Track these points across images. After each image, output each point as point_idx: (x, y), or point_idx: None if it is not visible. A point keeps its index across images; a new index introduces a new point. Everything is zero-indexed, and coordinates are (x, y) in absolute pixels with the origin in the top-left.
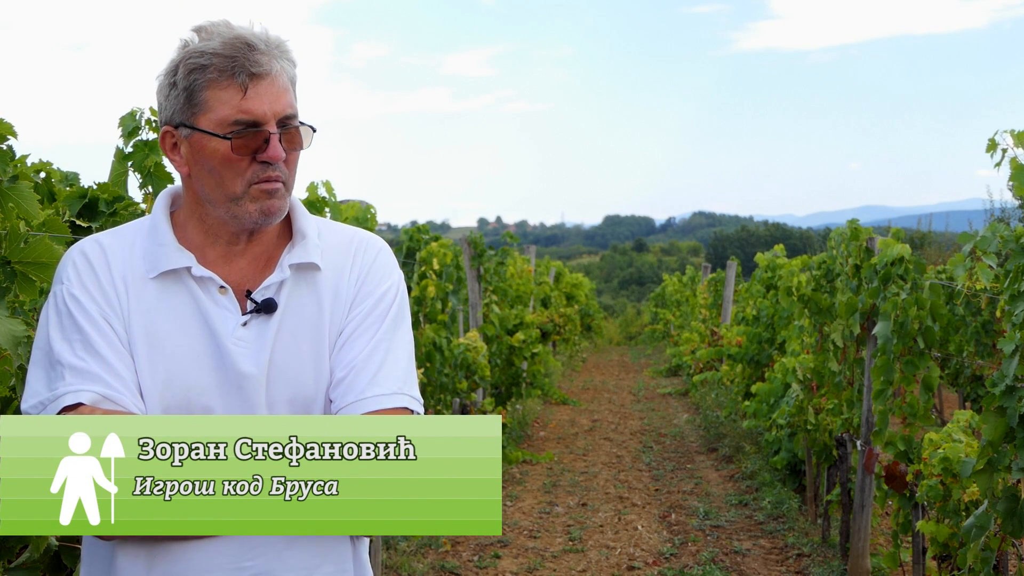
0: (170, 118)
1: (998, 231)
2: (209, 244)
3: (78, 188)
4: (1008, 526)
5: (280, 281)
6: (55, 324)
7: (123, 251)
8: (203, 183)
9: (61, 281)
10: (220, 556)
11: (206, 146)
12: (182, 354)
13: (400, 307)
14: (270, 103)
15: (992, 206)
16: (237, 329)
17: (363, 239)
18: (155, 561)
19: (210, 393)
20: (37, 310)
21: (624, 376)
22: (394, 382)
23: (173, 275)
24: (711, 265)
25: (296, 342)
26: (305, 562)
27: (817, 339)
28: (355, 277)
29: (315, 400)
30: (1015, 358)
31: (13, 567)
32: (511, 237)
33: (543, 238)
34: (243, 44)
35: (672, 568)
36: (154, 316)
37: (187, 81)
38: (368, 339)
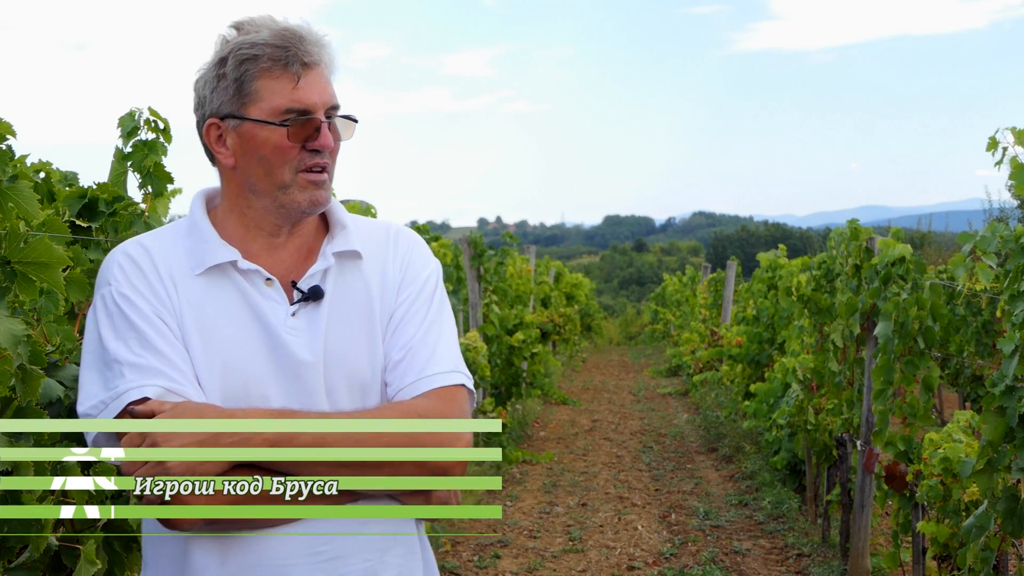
0: (217, 109)
1: (998, 231)
2: (251, 238)
3: (78, 188)
4: (1008, 526)
5: (324, 269)
6: (107, 325)
7: (166, 250)
8: (251, 173)
9: (108, 283)
10: (295, 543)
11: (257, 135)
12: (237, 345)
13: (443, 293)
14: (319, 93)
15: (991, 206)
16: (288, 319)
17: (399, 229)
18: (229, 552)
19: (267, 382)
20: (37, 310)
21: (624, 376)
22: (450, 361)
23: (219, 270)
24: (711, 265)
25: (348, 327)
26: (377, 545)
27: (817, 339)
28: (399, 264)
29: (371, 383)
30: (1015, 358)
31: (13, 567)
32: (511, 237)
33: (543, 238)
34: (293, 35)
35: (672, 568)
36: (205, 310)
37: (238, 72)
38: (420, 321)
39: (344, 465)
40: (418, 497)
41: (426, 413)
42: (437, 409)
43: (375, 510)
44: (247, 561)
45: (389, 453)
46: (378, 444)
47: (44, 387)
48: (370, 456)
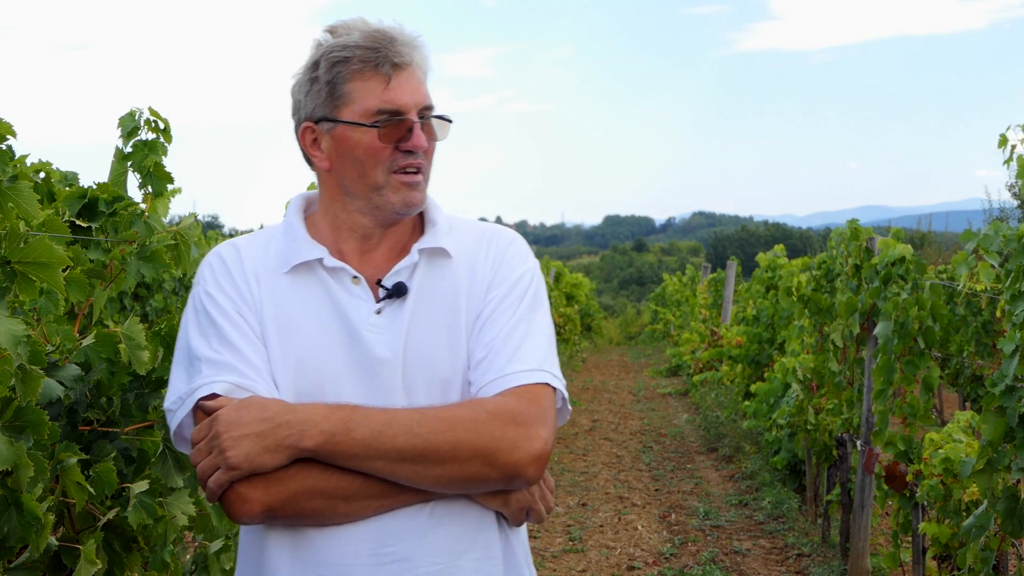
0: (311, 113)
1: (1000, 230)
2: (344, 239)
3: (78, 188)
4: (1008, 526)
5: (411, 266)
6: (193, 323)
7: (257, 250)
8: (345, 175)
9: (198, 283)
10: (360, 543)
11: (350, 137)
12: (314, 342)
13: (537, 291)
14: (411, 93)
15: (991, 206)
16: (371, 316)
17: (495, 230)
18: (298, 549)
19: (342, 379)
20: (37, 310)
21: (624, 376)
22: (534, 360)
23: (306, 268)
24: (711, 265)
25: (431, 325)
26: (447, 548)
27: (817, 339)
28: (490, 263)
29: (452, 382)
30: (1015, 358)
31: (13, 567)
32: None
33: (543, 238)
34: (384, 36)
35: (672, 568)
36: (286, 307)
37: (330, 75)
38: (507, 320)
39: (403, 459)
40: (496, 499)
41: (498, 410)
42: (512, 406)
43: (447, 510)
44: (313, 559)
45: (452, 448)
46: (440, 440)
47: (44, 387)
48: (431, 452)
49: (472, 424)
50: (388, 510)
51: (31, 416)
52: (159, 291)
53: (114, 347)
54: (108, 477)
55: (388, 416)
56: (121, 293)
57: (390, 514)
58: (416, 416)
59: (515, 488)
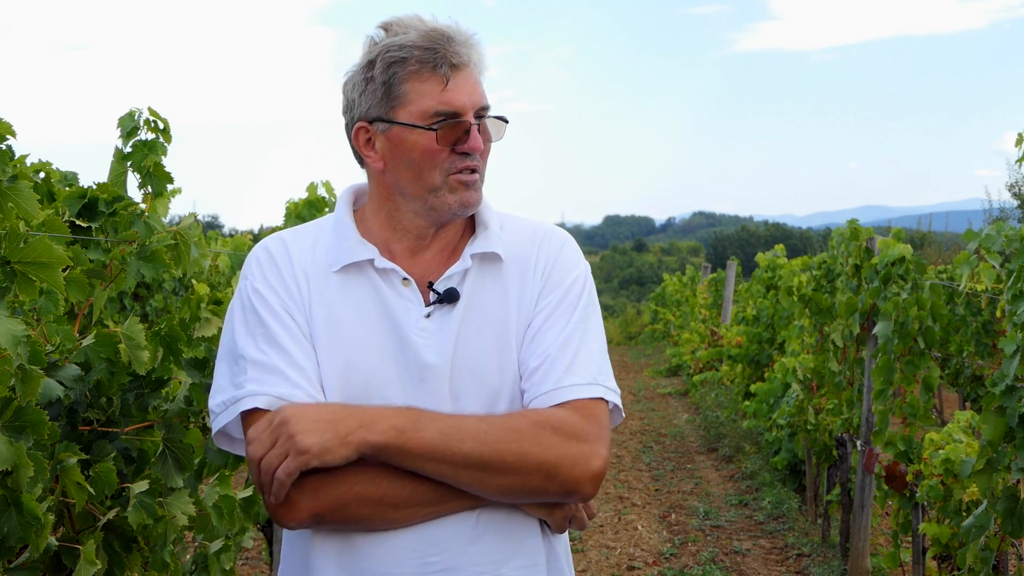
0: (366, 113)
1: (1003, 230)
2: (395, 239)
3: (77, 188)
4: (1008, 526)
5: (463, 271)
6: (240, 319)
7: (305, 246)
8: (400, 176)
9: (246, 277)
10: (405, 552)
11: (406, 139)
12: (363, 345)
13: (589, 297)
14: (468, 94)
15: (991, 206)
16: (420, 320)
17: (547, 231)
18: (344, 555)
19: (390, 384)
20: (37, 310)
21: (624, 376)
22: (589, 372)
23: (356, 268)
24: (711, 265)
25: (480, 333)
26: (492, 556)
27: (817, 339)
28: (541, 268)
29: (500, 392)
30: (1016, 358)
31: (13, 567)
32: None
33: None
34: (442, 36)
35: (672, 568)
36: (336, 308)
37: (386, 75)
38: (561, 328)
39: (468, 466)
40: (541, 508)
41: (562, 425)
42: (575, 422)
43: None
44: (359, 567)
45: (518, 460)
46: (506, 450)
47: (44, 387)
48: (497, 461)
49: (538, 438)
50: (435, 517)
51: (31, 416)
52: (159, 291)
53: (114, 347)
54: (108, 477)
55: (456, 421)
56: (121, 293)
57: (436, 522)
58: (483, 424)
59: (569, 502)
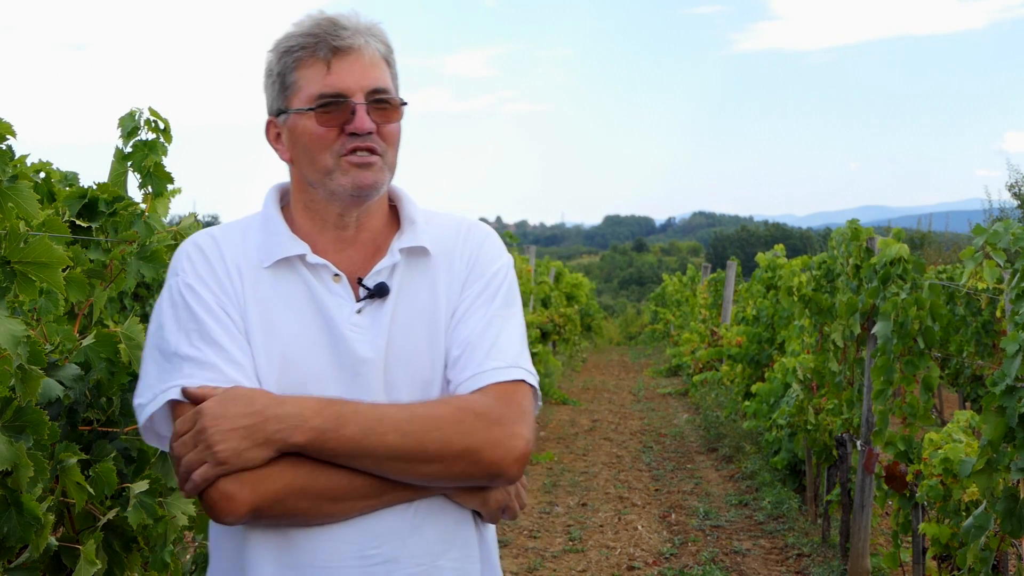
0: (270, 107)
1: (1011, 228)
2: (319, 232)
3: (78, 188)
4: (1007, 526)
5: (391, 266)
6: (170, 315)
7: (236, 242)
8: (302, 164)
9: (176, 273)
10: (346, 545)
11: (298, 125)
12: (298, 340)
13: (511, 287)
14: (356, 77)
15: (991, 206)
16: (352, 316)
17: (471, 225)
18: (283, 550)
19: (326, 378)
20: (37, 310)
21: (624, 376)
22: (510, 355)
23: (287, 264)
24: (711, 265)
25: (411, 326)
26: (431, 548)
27: (817, 339)
28: (465, 259)
29: (433, 382)
30: (1017, 358)
31: (13, 567)
32: (511, 237)
33: (543, 238)
34: (328, 22)
35: (672, 568)
36: (269, 304)
37: (280, 67)
38: (481, 316)
39: (392, 458)
40: (474, 498)
41: (484, 409)
42: (495, 406)
43: (430, 510)
44: (298, 561)
45: (440, 448)
46: (429, 439)
47: (44, 387)
48: (420, 451)
49: (459, 425)
50: (373, 510)
51: (31, 416)
52: (159, 291)
53: (114, 347)
54: (108, 477)
55: (378, 413)
56: (121, 293)
57: (375, 515)
58: (405, 414)
59: (496, 486)
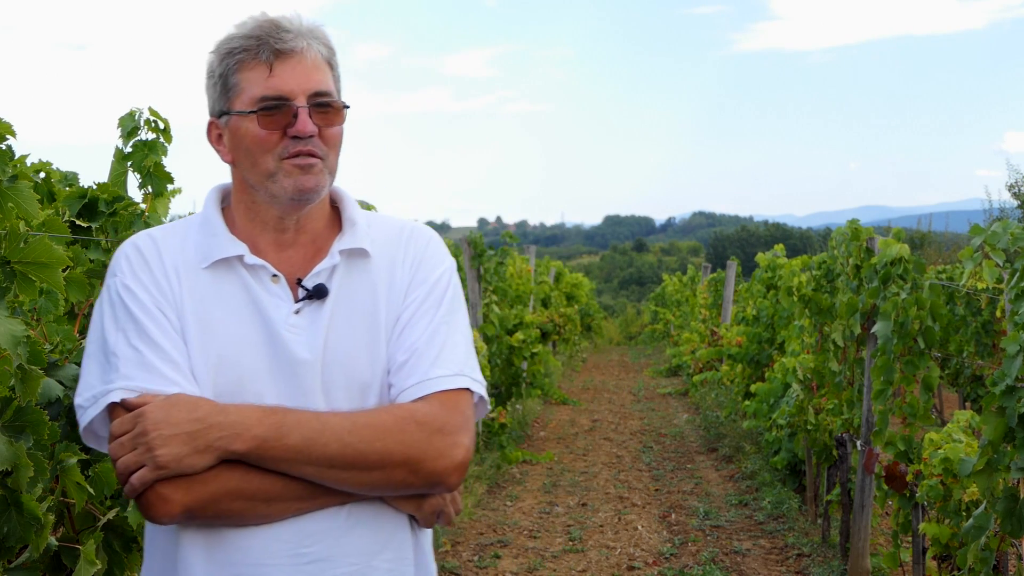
0: (212, 109)
1: (1009, 228)
2: (259, 233)
3: (78, 188)
4: (1008, 526)
5: (331, 267)
6: (109, 316)
7: (175, 243)
8: (243, 166)
9: (115, 274)
10: (278, 544)
11: (240, 127)
12: (235, 341)
13: (455, 292)
14: (298, 80)
15: (991, 206)
16: (290, 316)
17: (413, 228)
18: (214, 549)
19: (263, 378)
20: (37, 310)
21: (624, 376)
22: (455, 364)
23: (225, 264)
24: (711, 265)
25: (350, 328)
26: (364, 548)
27: (817, 339)
28: (409, 264)
29: (371, 386)
30: (1017, 358)
31: (13, 567)
32: (511, 237)
33: (543, 238)
34: (270, 24)
35: (672, 568)
36: (207, 304)
37: (222, 68)
38: (428, 323)
39: (333, 467)
40: (409, 503)
41: (426, 419)
42: (437, 415)
43: (364, 512)
44: (231, 559)
45: (381, 457)
46: (370, 449)
47: (44, 387)
48: (361, 460)
49: (401, 434)
50: (307, 511)
51: (31, 416)
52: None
53: None
54: (108, 477)
55: (320, 423)
56: None
57: (308, 515)
58: (347, 424)
59: (435, 493)
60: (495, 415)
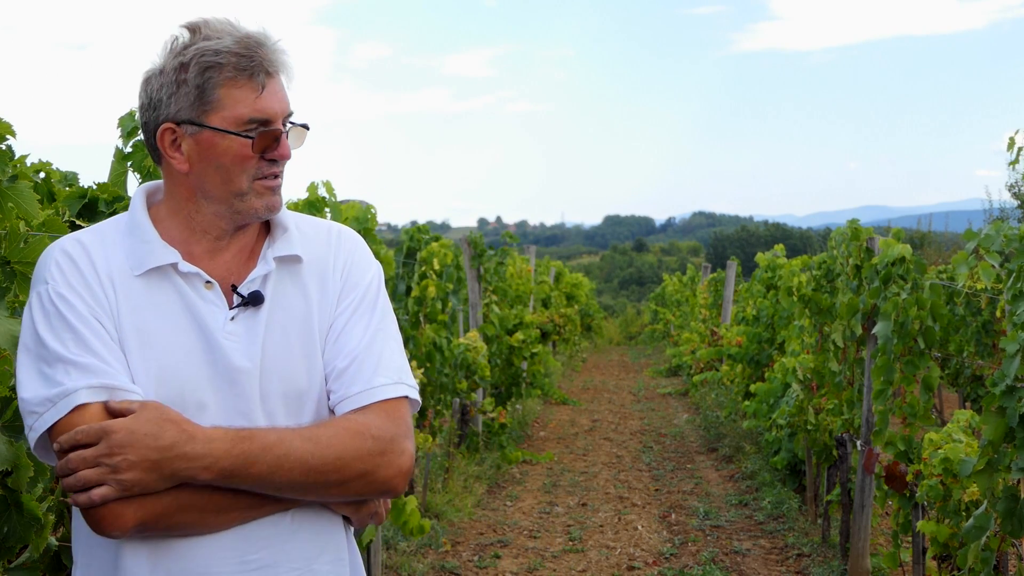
0: (174, 115)
1: (1002, 230)
2: (194, 240)
3: (78, 188)
4: (1008, 526)
5: (265, 274)
6: (44, 323)
7: (105, 249)
8: (206, 180)
9: (45, 281)
10: (225, 551)
11: (217, 144)
12: (173, 350)
13: (385, 297)
14: (279, 102)
15: (991, 206)
16: (226, 324)
17: (340, 230)
18: (159, 558)
19: (203, 388)
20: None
21: (624, 376)
22: (394, 371)
23: (158, 272)
24: (711, 265)
25: (285, 335)
26: (306, 553)
27: (817, 339)
28: (340, 269)
29: (308, 393)
30: (1017, 358)
31: (13, 567)
32: (511, 237)
33: (543, 238)
34: (255, 43)
35: (672, 568)
36: (143, 313)
37: (200, 79)
38: (364, 328)
39: (294, 487)
40: (349, 506)
41: (379, 432)
42: (387, 427)
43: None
44: (176, 568)
45: (341, 475)
46: (330, 469)
47: None
48: (322, 481)
49: (358, 450)
50: (255, 519)
51: None
52: None
53: None
54: None
55: (284, 449)
56: None
57: (254, 522)
58: (310, 447)
59: (382, 498)
60: (495, 415)
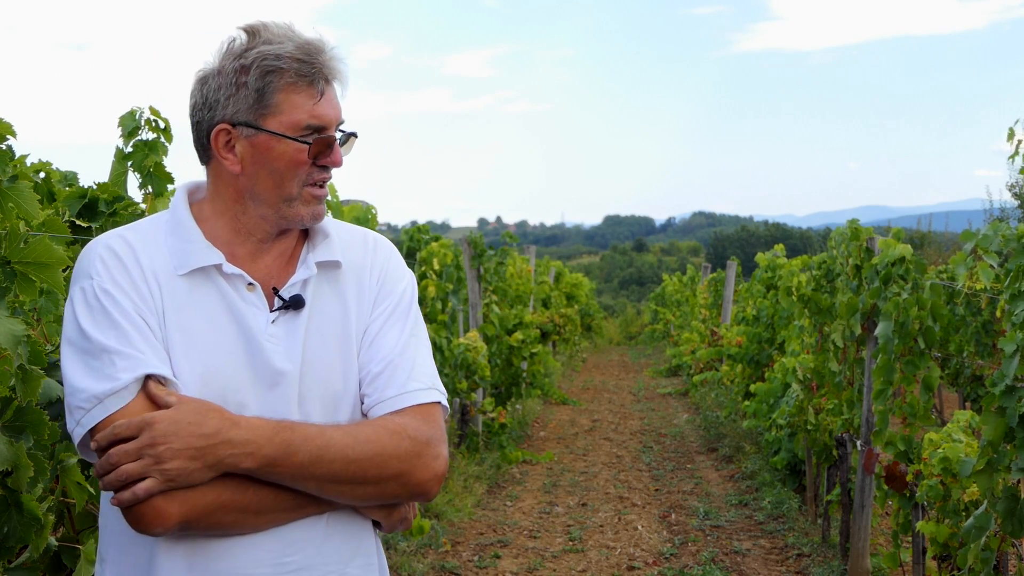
0: (232, 116)
1: (1000, 230)
2: (238, 242)
3: (78, 188)
4: (1008, 526)
5: (306, 278)
6: (87, 317)
7: (149, 247)
8: (257, 183)
9: (90, 276)
10: (262, 552)
11: (273, 148)
12: (216, 350)
13: (416, 305)
14: (334, 109)
15: (991, 206)
16: (268, 326)
17: (375, 238)
18: (196, 558)
19: (244, 389)
20: (37, 310)
21: (624, 376)
22: (428, 377)
23: (202, 272)
24: (711, 265)
25: (324, 339)
26: (340, 556)
27: (817, 339)
28: (376, 275)
29: (344, 397)
30: (1015, 358)
31: (13, 567)
32: (511, 237)
33: (543, 238)
34: (315, 49)
35: (672, 568)
36: (186, 313)
37: (261, 82)
38: (399, 335)
39: (334, 482)
40: (380, 510)
41: (416, 433)
42: (422, 428)
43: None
44: (214, 568)
45: (380, 472)
46: (370, 465)
47: (44, 387)
48: (361, 476)
49: (396, 448)
50: (292, 521)
51: (31, 416)
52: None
53: None
54: None
55: (325, 440)
56: None
57: (291, 524)
58: (350, 440)
59: (415, 501)
60: (495, 415)
